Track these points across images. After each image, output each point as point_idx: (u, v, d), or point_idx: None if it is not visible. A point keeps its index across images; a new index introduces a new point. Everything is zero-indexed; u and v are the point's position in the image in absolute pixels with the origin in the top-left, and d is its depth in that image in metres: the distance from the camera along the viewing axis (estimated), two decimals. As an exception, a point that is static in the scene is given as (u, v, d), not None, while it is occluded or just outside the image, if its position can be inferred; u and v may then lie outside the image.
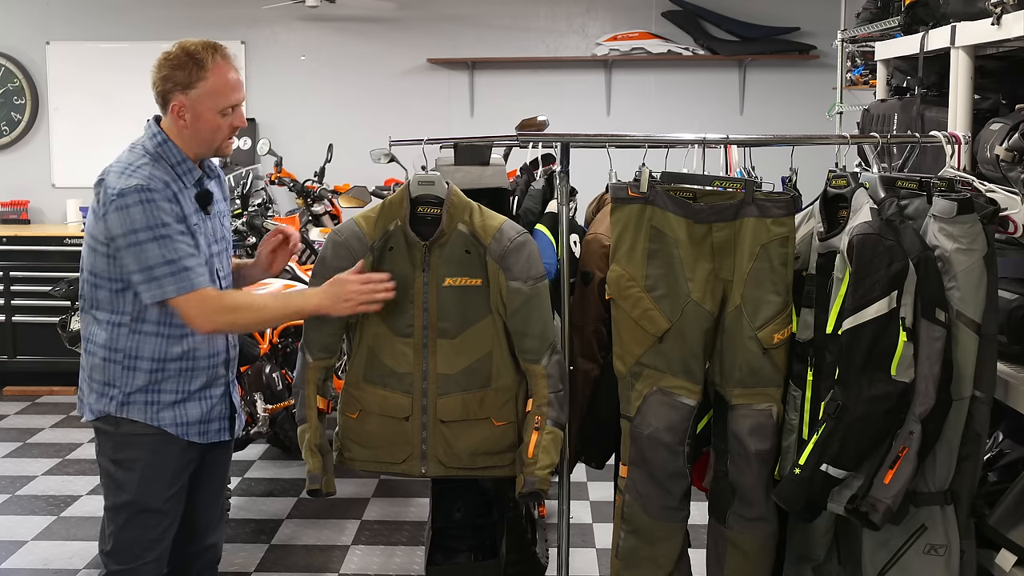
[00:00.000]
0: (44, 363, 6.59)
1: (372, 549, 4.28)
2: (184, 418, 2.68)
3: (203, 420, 2.72)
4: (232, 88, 2.65)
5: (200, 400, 2.71)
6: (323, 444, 2.80)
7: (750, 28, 7.01)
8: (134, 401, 2.65)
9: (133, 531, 2.66)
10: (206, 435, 2.73)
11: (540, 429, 2.71)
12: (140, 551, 2.67)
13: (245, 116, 2.76)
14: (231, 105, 2.65)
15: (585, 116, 6.99)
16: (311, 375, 2.79)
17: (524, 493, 2.70)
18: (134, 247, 2.53)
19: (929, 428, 2.45)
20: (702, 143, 2.88)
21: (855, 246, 2.45)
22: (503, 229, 2.75)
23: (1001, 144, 2.75)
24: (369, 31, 7.19)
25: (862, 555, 2.63)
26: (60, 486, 5.00)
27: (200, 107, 2.62)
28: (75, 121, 7.18)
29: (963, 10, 3.06)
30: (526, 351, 2.75)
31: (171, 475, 2.69)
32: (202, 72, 2.60)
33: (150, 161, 2.61)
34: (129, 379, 2.64)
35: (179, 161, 2.65)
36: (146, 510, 2.66)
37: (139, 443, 2.66)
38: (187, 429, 2.69)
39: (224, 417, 2.79)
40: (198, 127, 2.64)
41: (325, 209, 5.81)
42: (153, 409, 2.65)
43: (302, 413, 2.79)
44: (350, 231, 2.78)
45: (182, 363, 2.66)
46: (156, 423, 2.65)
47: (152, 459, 2.66)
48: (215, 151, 2.70)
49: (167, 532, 2.70)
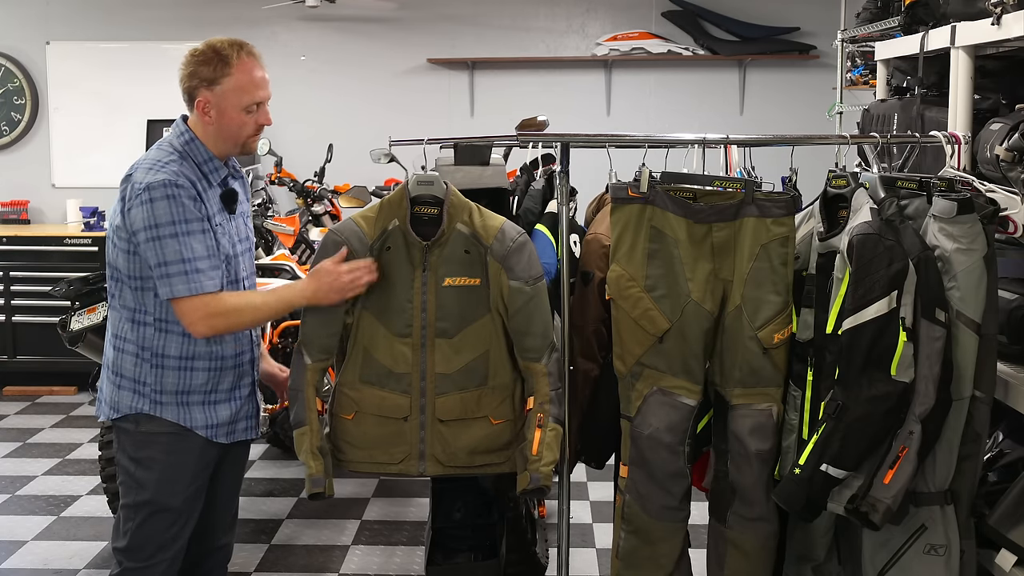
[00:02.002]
0: (44, 363, 6.59)
1: (372, 549, 4.28)
2: (215, 419, 2.69)
3: (232, 420, 2.73)
4: (257, 85, 2.65)
5: (230, 401, 2.72)
6: (323, 446, 2.78)
7: (750, 28, 7.02)
8: (166, 402, 2.65)
9: (149, 530, 2.66)
10: (233, 435, 2.74)
11: (543, 426, 2.72)
12: (155, 550, 2.67)
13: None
14: (256, 102, 2.65)
15: (585, 116, 6.99)
16: (311, 377, 2.77)
17: (529, 489, 2.70)
18: (154, 242, 2.53)
19: (929, 428, 2.45)
20: (702, 143, 2.88)
21: (855, 246, 2.45)
22: (504, 229, 2.77)
23: (1001, 144, 2.75)
24: (369, 31, 7.19)
25: (862, 555, 2.63)
26: (60, 486, 5.00)
27: (225, 103, 2.62)
28: (75, 121, 7.17)
29: (963, 10, 3.06)
30: (528, 350, 2.76)
31: (191, 475, 2.69)
32: (227, 68, 2.61)
33: (178, 158, 2.61)
34: (159, 377, 2.64)
35: (206, 159, 2.65)
36: (164, 509, 2.66)
37: (158, 442, 2.66)
38: (216, 431, 2.70)
39: (251, 416, 2.80)
40: (223, 123, 2.64)
41: (325, 209, 5.80)
42: (184, 410, 2.66)
43: (301, 415, 2.76)
44: (350, 231, 2.77)
45: (210, 362, 2.67)
46: (188, 424, 2.65)
47: (171, 459, 2.66)
48: (241, 148, 2.69)
49: (183, 531, 2.70)
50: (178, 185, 2.53)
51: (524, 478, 2.72)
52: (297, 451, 2.77)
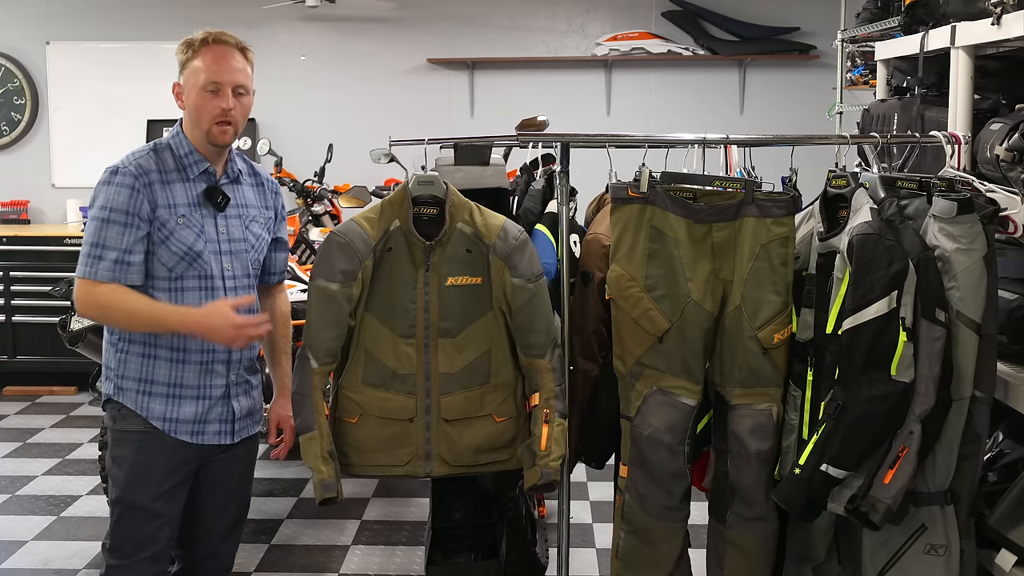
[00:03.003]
0: (44, 363, 6.59)
1: (372, 549, 4.28)
2: (175, 414, 2.66)
3: (198, 420, 2.69)
4: (219, 66, 2.63)
5: (198, 399, 2.69)
6: (332, 450, 2.75)
7: (750, 28, 7.02)
8: (127, 388, 2.66)
9: (125, 527, 2.67)
10: (201, 436, 2.70)
11: (550, 422, 2.73)
12: (133, 548, 2.66)
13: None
14: (215, 81, 2.62)
15: (585, 116, 6.99)
16: (318, 380, 2.73)
17: (539, 485, 2.71)
18: (89, 222, 2.63)
19: (929, 428, 2.45)
20: (702, 143, 2.88)
21: (855, 246, 2.45)
22: (506, 228, 2.78)
23: (1001, 144, 2.75)
24: (369, 31, 7.19)
25: (862, 555, 2.63)
26: (60, 486, 5.00)
27: (187, 85, 2.66)
28: (75, 121, 7.17)
29: (963, 10, 3.06)
30: (532, 346, 2.77)
31: (161, 475, 2.66)
32: (192, 52, 2.65)
33: (147, 151, 2.66)
34: (122, 363, 2.67)
35: (187, 152, 2.66)
36: (134, 507, 2.66)
37: (129, 440, 2.67)
38: (177, 426, 2.67)
39: (227, 420, 2.74)
40: (189, 108, 2.67)
41: (325, 209, 5.80)
42: (145, 399, 2.65)
43: (309, 420, 2.72)
44: (354, 232, 2.75)
45: (171, 352, 2.66)
46: (145, 413, 2.65)
47: (139, 457, 2.66)
48: (206, 135, 2.65)
49: (160, 531, 2.68)
50: (121, 172, 2.59)
51: (534, 473, 2.72)
52: (305, 456, 2.72)
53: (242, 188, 2.77)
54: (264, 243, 2.82)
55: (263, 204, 2.83)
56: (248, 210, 2.77)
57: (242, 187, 2.77)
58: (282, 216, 2.91)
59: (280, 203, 2.92)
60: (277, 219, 2.88)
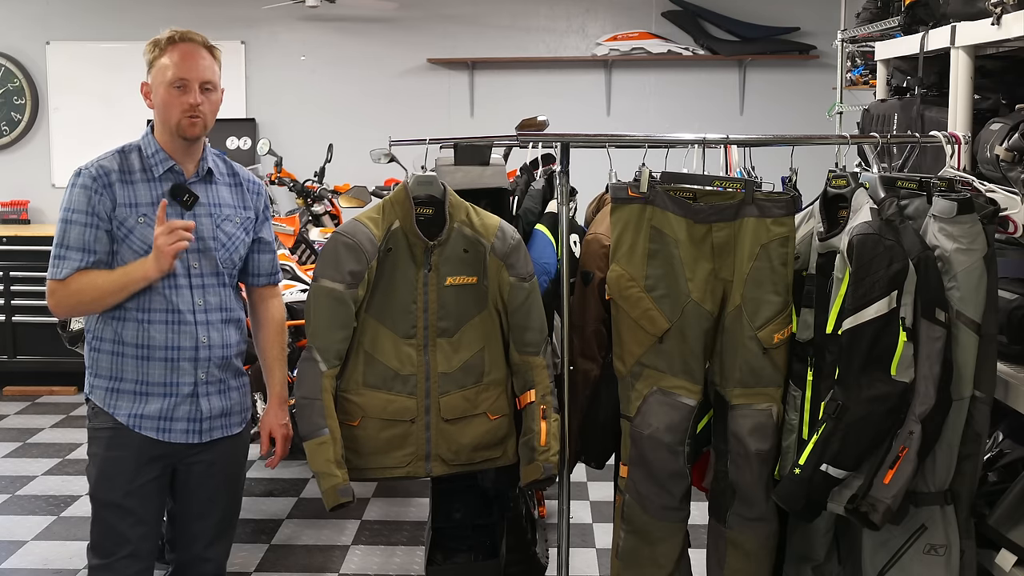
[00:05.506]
0: (44, 363, 6.59)
1: (372, 549, 4.28)
2: (140, 410, 2.65)
3: (164, 417, 2.67)
4: (186, 62, 2.66)
5: (164, 396, 2.66)
6: (344, 454, 2.72)
7: (750, 28, 7.02)
8: (97, 385, 2.68)
9: (101, 525, 2.69)
10: (168, 433, 2.67)
11: (547, 417, 2.76)
12: (111, 546, 2.67)
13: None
14: (181, 78, 2.64)
15: (585, 116, 6.99)
16: (327, 383, 2.71)
17: (541, 479, 2.75)
18: (56, 225, 2.66)
19: (929, 428, 2.44)
20: (702, 143, 2.88)
21: (855, 246, 2.45)
22: (503, 228, 2.81)
23: (1001, 144, 2.75)
24: (369, 31, 7.19)
25: (862, 555, 2.63)
26: (60, 486, 5.00)
27: (155, 82, 2.68)
28: (75, 121, 7.18)
29: (963, 10, 3.06)
30: (528, 344, 2.80)
31: (130, 472, 2.65)
32: (159, 50, 2.68)
33: (113, 153, 2.69)
34: (95, 360, 2.69)
35: (153, 152, 2.68)
36: (106, 504, 2.67)
37: (100, 438, 2.69)
38: (142, 422, 2.65)
39: (193, 419, 2.70)
40: (157, 105, 2.68)
41: (325, 209, 5.80)
42: (113, 396, 2.66)
43: (320, 424, 2.67)
44: (362, 233, 2.74)
45: (137, 349, 2.65)
46: (112, 411, 2.66)
47: (107, 454, 2.67)
48: (175, 129, 2.65)
49: (134, 529, 2.66)
50: (84, 175, 2.63)
51: (535, 469, 2.75)
52: (313, 462, 2.69)
53: (216, 187, 2.75)
54: (239, 242, 2.78)
55: (240, 204, 2.80)
56: (221, 209, 2.75)
57: (216, 186, 2.75)
58: (265, 217, 2.88)
59: (263, 204, 2.89)
60: (258, 220, 2.85)
